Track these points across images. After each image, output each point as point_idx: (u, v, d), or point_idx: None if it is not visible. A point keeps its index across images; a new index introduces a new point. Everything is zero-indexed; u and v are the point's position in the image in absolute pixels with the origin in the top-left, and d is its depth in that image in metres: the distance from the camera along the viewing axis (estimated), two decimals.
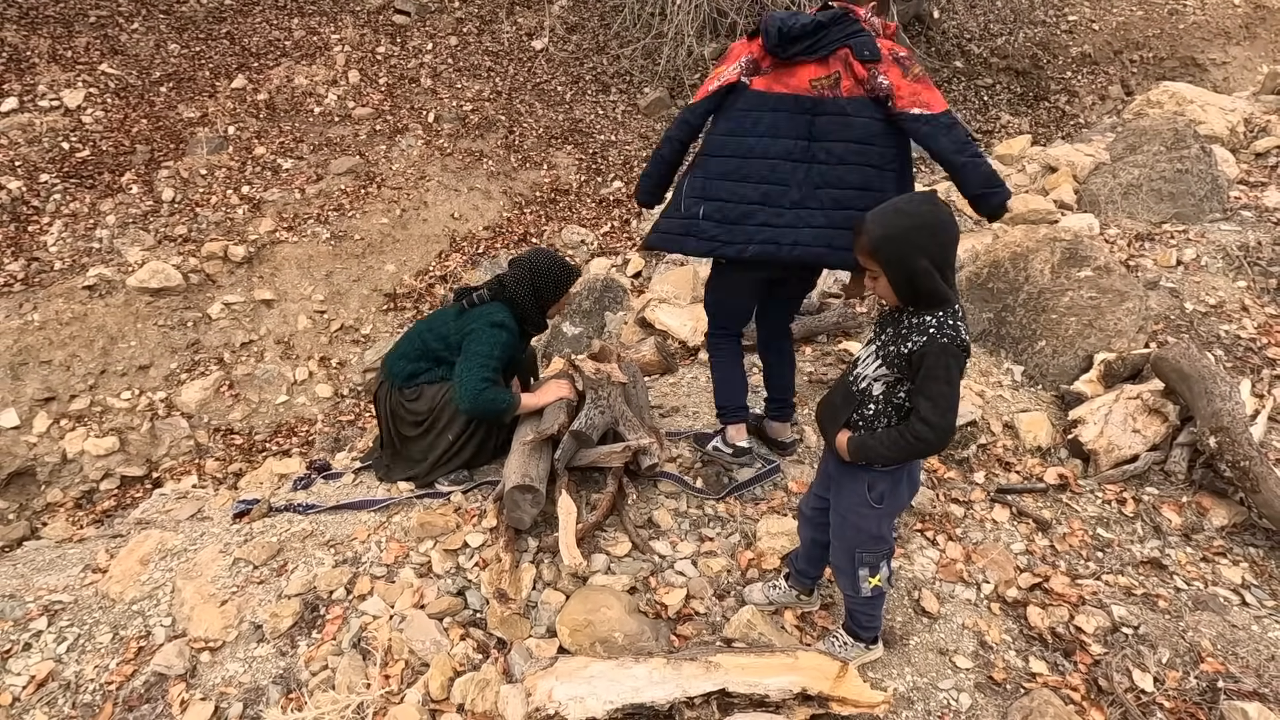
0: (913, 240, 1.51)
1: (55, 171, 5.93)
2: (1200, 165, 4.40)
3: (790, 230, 2.26)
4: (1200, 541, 2.61)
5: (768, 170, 2.24)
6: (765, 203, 2.26)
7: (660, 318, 4.01)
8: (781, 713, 1.76)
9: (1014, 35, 9.07)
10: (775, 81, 2.23)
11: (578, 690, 1.73)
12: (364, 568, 2.38)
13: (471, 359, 2.58)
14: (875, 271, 1.58)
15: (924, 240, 1.51)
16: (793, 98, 2.22)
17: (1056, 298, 3.36)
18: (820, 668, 1.80)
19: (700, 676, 1.76)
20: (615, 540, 2.45)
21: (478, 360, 2.57)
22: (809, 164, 2.23)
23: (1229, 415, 2.67)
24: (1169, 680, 2.07)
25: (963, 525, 2.64)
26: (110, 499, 4.51)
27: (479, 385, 2.54)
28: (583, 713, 1.69)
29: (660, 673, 1.77)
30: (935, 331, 1.54)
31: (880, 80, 2.18)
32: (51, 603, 2.40)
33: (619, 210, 6.90)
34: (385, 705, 1.94)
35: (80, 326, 4.97)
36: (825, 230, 2.26)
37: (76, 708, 2.07)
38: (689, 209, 2.32)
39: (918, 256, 1.51)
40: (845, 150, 2.22)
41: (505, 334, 2.63)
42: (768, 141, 2.24)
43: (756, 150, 2.24)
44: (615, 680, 1.75)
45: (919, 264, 1.51)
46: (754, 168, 2.25)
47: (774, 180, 2.25)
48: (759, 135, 2.24)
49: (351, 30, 7.94)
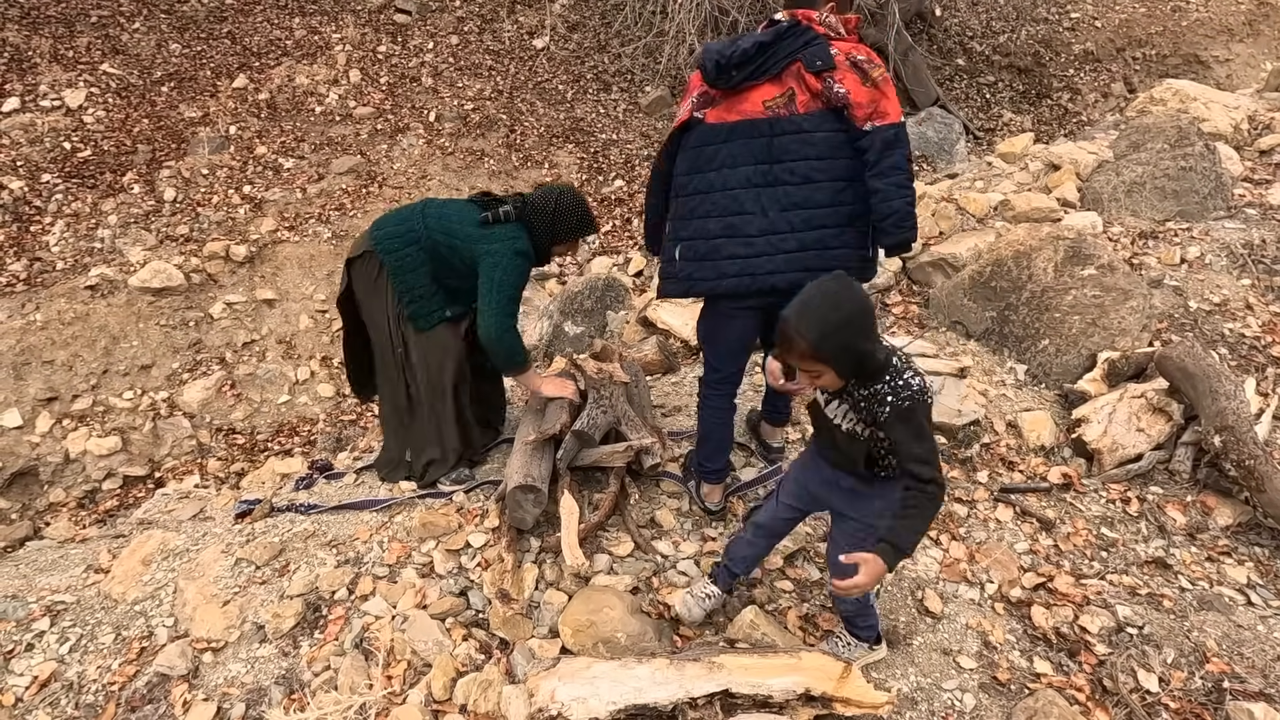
0: (853, 327, 1.51)
1: (57, 171, 5.93)
2: (1204, 163, 4.38)
3: (764, 259, 2.18)
4: (1205, 541, 2.60)
5: (729, 201, 2.17)
6: (731, 234, 2.18)
7: (662, 317, 4.00)
8: (785, 713, 1.76)
9: (1016, 32, 9.04)
10: (728, 111, 2.16)
11: (580, 691, 1.73)
12: (366, 568, 2.38)
13: (500, 291, 2.45)
14: (819, 370, 1.56)
15: (861, 322, 1.52)
16: (747, 123, 2.14)
17: (1060, 296, 3.35)
18: (824, 668, 1.80)
19: (703, 677, 1.75)
20: (618, 540, 2.44)
21: (506, 294, 2.46)
22: (773, 187, 2.15)
23: (1234, 414, 2.66)
24: (1174, 681, 2.06)
25: (966, 525, 2.63)
26: (113, 499, 4.51)
27: (506, 323, 2.45)
28: (586, 713, 1.69)
29: (663, 673, 1.76)
30: (894, 399, 1.54)
31: (836, 89, 2.07)
32: (54, 603, 2.40)
33: (620, 209, 6.89)
34: (388, 706, 1.94)
35: (82, 326, 4.97)
36: (798, 254, 2.18)
37: (79, 708, 2.07)
38: (668, 253, 2.33)
39: (860, 341, 1.52)
40: (809, 168, 2.13)
41: (527, 265, 2.53)
42: (726, 173, 2.17)
43: (716, 184, 2.18)
44: (618, 681, 1.75)
45: (864, 347, 1.53)
46: (715, 201, 2.18)
47: (736, 210, 2.17)
48: (717, 169, 2.18)
49: (352, 29, 7.93)
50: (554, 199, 2.61)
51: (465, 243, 2.52)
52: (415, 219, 2.58)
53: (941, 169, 6.96)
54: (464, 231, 2.53)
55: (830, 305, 1.51)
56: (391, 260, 2.55)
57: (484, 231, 2.52)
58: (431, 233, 2.55)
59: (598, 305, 4.44)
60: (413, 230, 2.56)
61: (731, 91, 2.16)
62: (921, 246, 4.19)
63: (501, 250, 2.48)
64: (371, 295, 2.63)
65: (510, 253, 2.48)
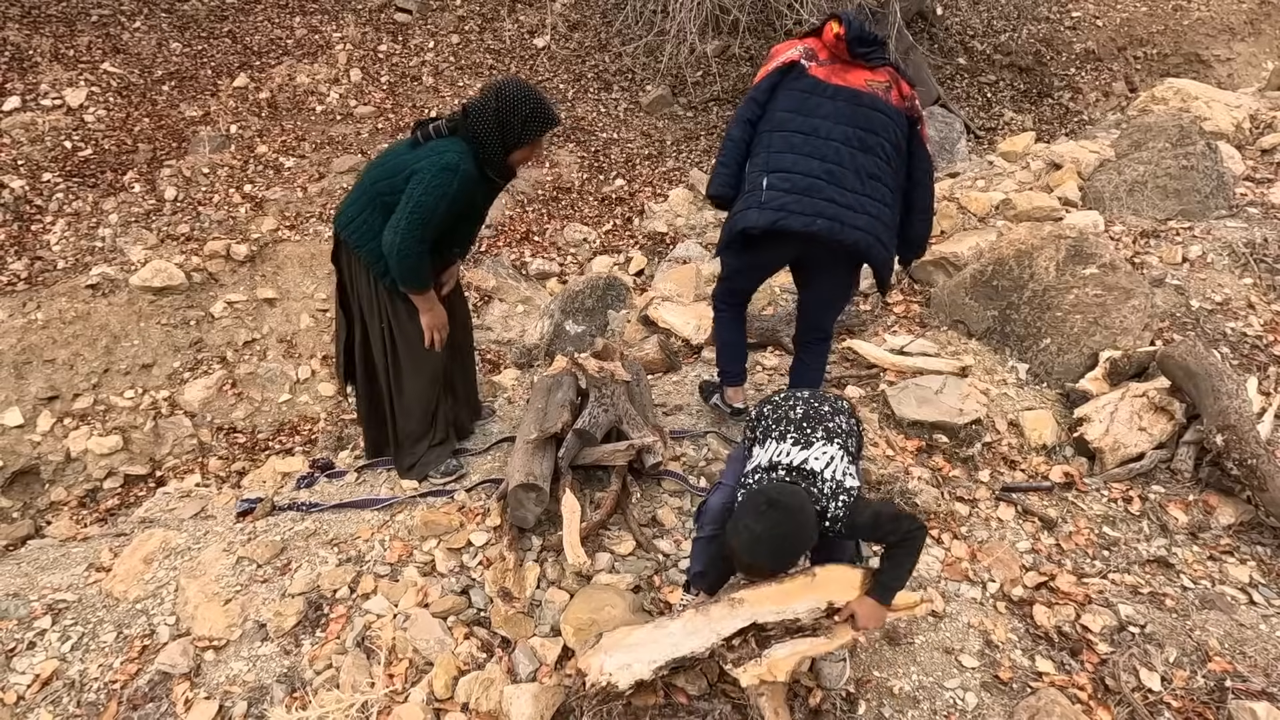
0: (802, 540, 1.74)
1: (58, 170, 5.93)
2: (1206, 162, 4.38)
3: (851, 213, 2.29)
4: (1207, 540, 2.60)
5: (831, 151, 2.31)
6: (830, 180, 2.29)
7: (663, 316, 3.99)
8: (820, 634, 1.79)
9: (1017, 31, 9.03)
10: (833, 74, 2.34)
11: (624, 659, 1.79)
12: (367, 566, 2.38)
13: (413, 209, 2.25)
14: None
15: (807, 536, 1.72)
16: (851, 91, 2.33)
17: (1061, 295, 3.35)
18: (840, 579, 1.80)
19: (728, 616, 1.78)
20: (619, 539, 2.44)
21: (418, 214, 2.25)
22: (865, 154, 2.31)
23: (1236, 413, 2.65)
24: (1176, 680, 2.06)
25: (968, 524, 2.63)
26: (114, 498, 4.51)
27: (409, 244, 2.26)
28: (631, 677, 1.76)
29: (692, 623, 1.81)
30: (834, 524, 1.76)
31: (918, 103, 2.40)
32: (56, 601, 2.40)
33: (621, 208, 6.89)
34: (390, 704, 1.94)
35: (83, 325, 4.97)
36: (876, 222, 2.33)
37: (81, 706, 2.07)
38: (754, 184, 2.36)
39: (808, 543, 1.77)
40: (890, 153, 2.34)
41: (455, 180, 2.27)
42: (829, 125, 2.31)
43: (821, 131, 2.31)
44: (655, 641, 1.81)
45: (810, 543, 1.77)
46: (817, 145, 2.32)
47: (836, 161, 2.30)
48: (822, 117, 2.32)
49: (353, 28, 7.93)
50: (494, 95, 2.31)
51: (401, 172, 2.32)
52: (360, 184, 2.45)
53: (942, 168, 6.95)
54: (395, 164, 2.35)
55: (786, 522, 1.69)
56: (351, 235, 2.43)
57: (414, 154, 2.33)
58: (374, 185, 2.38)
59: (599, 304, 4.44)
60: (361, 196, 2.42)
61: (839, 62, 2.34)
62: None
63: (426, 167, 2.26)
64: (356, 282, 2.56)
65: (434, 168, 2.25)
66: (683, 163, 7.46)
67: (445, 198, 2.29)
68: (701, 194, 6.67)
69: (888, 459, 2.81)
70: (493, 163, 2.38)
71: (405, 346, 2.57)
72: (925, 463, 2.84)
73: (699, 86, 8.16)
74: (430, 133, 2.35)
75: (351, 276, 2.58)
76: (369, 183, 2.43)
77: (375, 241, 2.40)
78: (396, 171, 2.35)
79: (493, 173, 2.41)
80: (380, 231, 2.38)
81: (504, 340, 5.20)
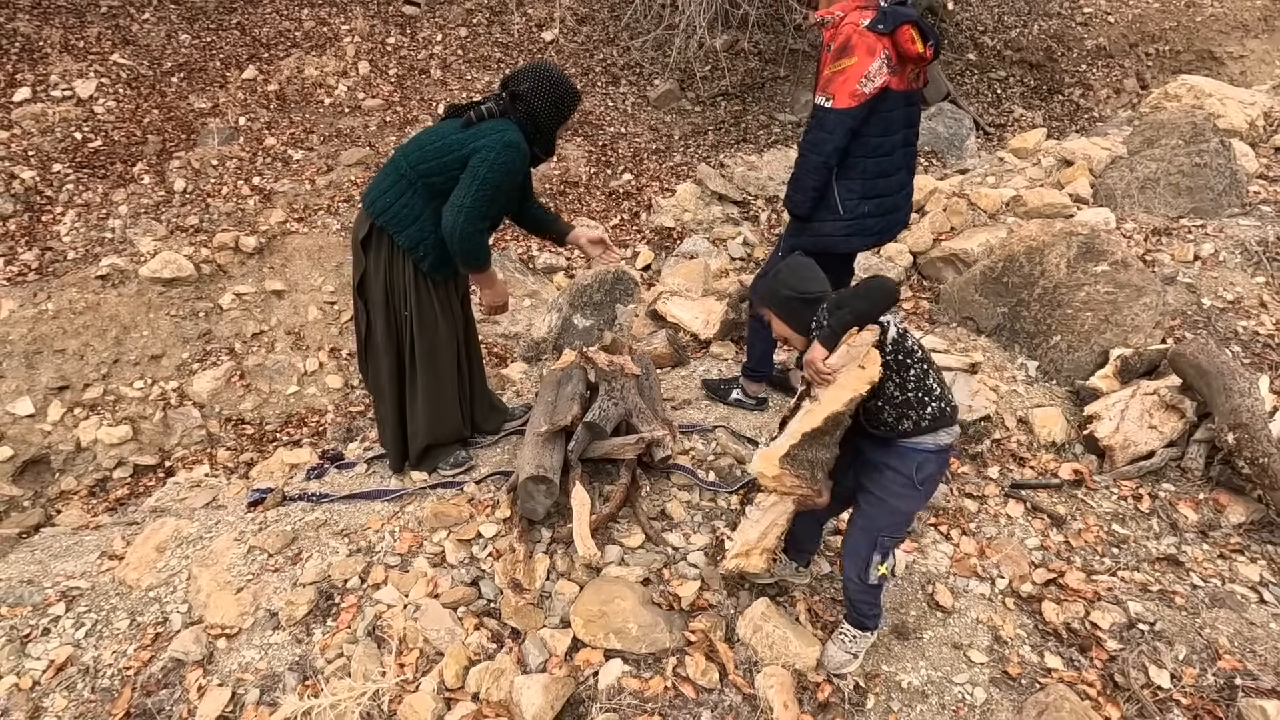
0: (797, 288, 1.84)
1: (68, 161, 5.95)
2: (1219, 159, 4.35)
3: (903, 212, 2.62)
4: (1217, 538, 2.60)
5: (899, 161, 2.51)
6: (900, 190, 2.56)
7: (671, 310, 3.99)
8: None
9: (1028, 28, 8.97)
10: (899, 80, 2.39)
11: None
12: (378, 557, 2.39)
13: (479, 186, 2.26)
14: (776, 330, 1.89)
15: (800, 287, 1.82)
16: (905, 93, 2.43)
17: (1072, 292, 3.33)
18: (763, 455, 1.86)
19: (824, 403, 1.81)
20: (628, 532, 2.45)
21: (484, 190, 2.27)
22: (910, 148, 2.53)
23: (1248, 411, 2.64)
24: (1186, 677, 2.06)
25: (977, 520, 2.63)
26: (123, 488, 4.54)
27: (473, 223, 2.29)
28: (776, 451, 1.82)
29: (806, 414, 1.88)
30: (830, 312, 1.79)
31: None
32: (69, 589, 2.42)
33: (629, 203, 6.88)
34: (401, 693, 1.95)
35: (93, 316, 4.99)
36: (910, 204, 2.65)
37: (95, 692, 2.09)
38: (853, 210, 2.50)
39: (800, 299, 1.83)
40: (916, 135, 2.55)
41: (519, 156, 2.33)
42: (895, 136, 2.46)
43: (894, 146, 2.47)
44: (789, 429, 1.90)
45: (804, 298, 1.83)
46: (894, 161, 2.49)
47: (901, 167, 2.53)
48: (894, 131, 2.45)
49: (361, 21, 7.92)
50: (544, 74, 2.39)
51: (455, 152, 2.32)
52: (395, 167, 2.42)
53: (952, 164, 6.92)
54: (448, 143, 2.34)
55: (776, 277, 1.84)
56: (390, 220, 2.41)
57: (470, 133, 2.33)
58: (416, 168, 2.37)
59: (607, 298, 4.44)
60: (399, 180, 2.40)
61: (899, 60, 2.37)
62: (933, 241, 4.18)
63: (489, 144, 2.28)
64: (390, 270, 2.50)
65: (500, 145, 2.28)
66: (690, 157, 7.45)
67: (511, 173, 2.33)
68: (709, 189, 6.66)
69: None
70: (543, 140, 2.47)
71: (423, 341, 2.57)
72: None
73: (707, 81, 8.13)
74: (483, 113, 2.37)
75: (380, 264, 2.50)
76: (408, 165, 2.39)
77: (415, 226, 2.40)
78: (447, 152, 2.34)
79: (541, 150, 2.50)
80: (421, 215, 2.39)
81: (511, 334, 5.21)
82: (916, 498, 1.84)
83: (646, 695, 1.92)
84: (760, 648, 2.06)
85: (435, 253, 2.44)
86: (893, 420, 1.76)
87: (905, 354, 1.74)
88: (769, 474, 1.84)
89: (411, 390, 2.65)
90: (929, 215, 4.30)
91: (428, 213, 2.40)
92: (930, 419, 1.75)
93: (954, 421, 1.80)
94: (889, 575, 1.91)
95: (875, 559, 1.88)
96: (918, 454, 1.78)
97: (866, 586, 1.93)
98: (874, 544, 1.87)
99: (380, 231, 2.46)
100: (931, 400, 1.75)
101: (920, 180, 4.70)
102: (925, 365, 1.76)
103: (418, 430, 2.69)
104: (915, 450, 1.78)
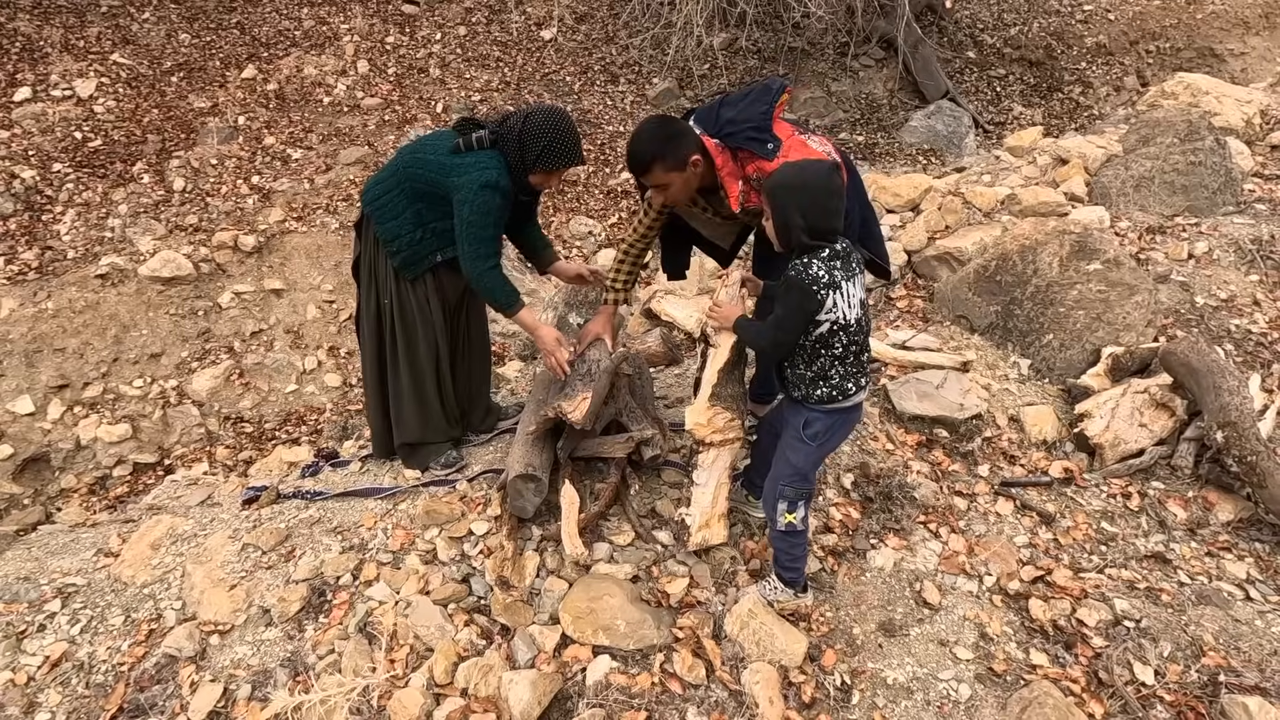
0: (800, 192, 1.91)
1: (68, 161, 5.97)
2: (1214, 157, 4.35)
3: None
4: (1205, 536, 2.61)
5: None
6: None
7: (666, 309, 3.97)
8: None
9: (1028, 25, 8.95)
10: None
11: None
12: (370, 554, 2.41)
13: (471, 230, 2.32)
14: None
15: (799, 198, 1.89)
16: None
17: (1065, 291, 3.34)
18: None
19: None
20: (618, 529, 2.46)
21: (477, 234, 2.32)
22: None
23: (1237, 410, 2.65)
24: (1170, 673, 2.07)
25: (966, 518, 2.64)
26: (123, 485, 4.57)
27: (483, 264, 2.36)
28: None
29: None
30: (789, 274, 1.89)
31: None
32: (65, 585, 2.45)
33: (626, 201, 6.89)
34: (390, 689, 1.97)
35: (93, 315, 5.02)
36: None
37: (90, 687, 2.11)
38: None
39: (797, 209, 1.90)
40: None
41: (497, 198, 2.32)
42: None
43: None
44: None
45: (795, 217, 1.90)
46: None
47: None
48: None
49: (360, 20, 7.93)
50: (522, 121, 2.35)
51: (437, 174, 2.35)
52: (394, 163, 2.46)
53: (950, 162, 6.92)
54: (435, 162, 2.37)
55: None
56: (375, 211, 2.45)
57: (454, 161, 2.34)
58: (407, 169, 2.40)
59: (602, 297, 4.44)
60: (392, 175, 2.44)
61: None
62: (927, 240, 4.18)
63: (467, 184, 2.30)
64: (372, 257, 2.57)
65: (475, 186, 2.29)
66: None
67: (492, 213, 2.34)
68: None
69: (888, 453, 2.82)
70: (520, 183, 2.45)
71: (401, 333, 2.61)
72: (925, 457, 2.85)
73: (705, 80, 8.13)
74: (473, 143, 2.36)
75: (367, 251, 2.59)
76: (403, 165, 2.44)
77: (394, 222, 2.45)
78: (432, 168, 2.38)
79: (520, 191, 2.46)
80: (402, 213, 2.44)
81: (508, 333, 5.22)
82: (807, 451, 2.01)
83: (633, 691, 1.94)
84: (747, 644, 2.08)
85: (406, 251, 2.49)
86: (792, 387, 2.00)
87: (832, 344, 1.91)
88: (702, 420, 2.10)
89: (394, 379, 2.69)
90: (924, 214, 4.31)
91: (409, 213, 2.45)
92: (819, 399, 1.96)
93: (846, 400, 1.97)
94: (798, 525, 2.05)
95: (781, 506, 2.05)
96: (806, 410, 1.99)
97: (779, 533, 2.10)
98: (776, 491, 2.05)
99: (369, 219, 2.53)
100: (825, 385, 1.94)
101: (917, 178, 4.71)
102: (844, 360, 1.93)
103: (400, 420, 2.72)
104: (804, 408, 2.00)
